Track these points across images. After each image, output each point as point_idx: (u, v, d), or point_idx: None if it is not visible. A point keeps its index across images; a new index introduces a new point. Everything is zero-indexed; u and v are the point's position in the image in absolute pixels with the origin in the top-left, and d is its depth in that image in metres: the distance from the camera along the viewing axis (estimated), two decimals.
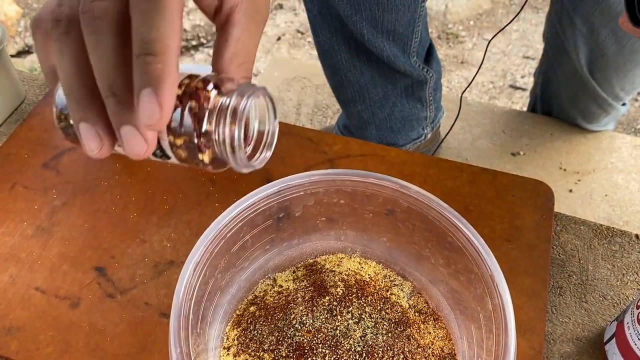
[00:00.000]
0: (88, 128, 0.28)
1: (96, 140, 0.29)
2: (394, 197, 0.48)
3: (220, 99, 0.30)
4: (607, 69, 0.95)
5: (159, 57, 0.26)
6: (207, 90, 0.31)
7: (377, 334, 0.47)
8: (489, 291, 0.42)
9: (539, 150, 1.08)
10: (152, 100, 0.26)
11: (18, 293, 0.53)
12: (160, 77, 0.26)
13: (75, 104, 0.29)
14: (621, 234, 0.56)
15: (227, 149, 0.31)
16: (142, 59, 0.26)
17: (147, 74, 0.26)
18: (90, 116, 0.28)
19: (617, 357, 0.47)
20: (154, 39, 0.26)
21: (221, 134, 0.30)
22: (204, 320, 0.45)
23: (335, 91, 0.99)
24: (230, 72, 0.33)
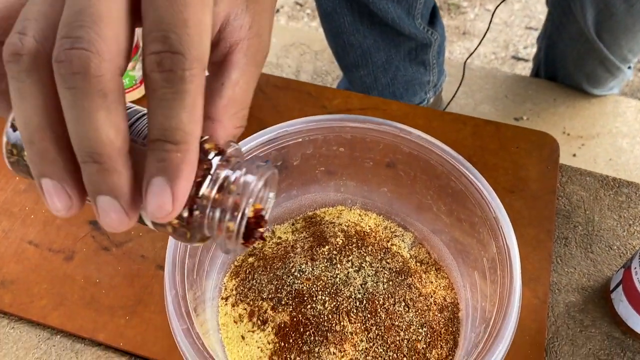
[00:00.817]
0: (53, 185, 0.24)
1: (64, 199, 0.24)
2: (395, 142, 0.46)
3: (223, 173, 0.26)
4: (616, 30, 0.92)
5: (179, 146, 0.23)
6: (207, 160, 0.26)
7: (378, 282, 0.46)
8: (493, 234, 0.41)
9: (542, 115, 1.06)
10: (166, 192, 0.23)
11: (11, 247, 0.52)
12: (179, 168, 0.23)
13: (36, 156, 0.24)
14: (628, 184, 0.55)
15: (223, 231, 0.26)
16: (160, 145, 0.23)
17: (164, 162, 0.23)
18: (56, 172, 0.24)
19: (623, 304, 0.46)
20: (174, 127, 0.23)
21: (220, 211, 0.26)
22: (200, 267, 0.44)
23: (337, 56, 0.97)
24: (224, 120, 0.28)
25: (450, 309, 0.46)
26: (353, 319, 0.43)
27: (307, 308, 0.44)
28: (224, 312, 0.46)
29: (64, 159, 0.24)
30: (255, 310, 0.45)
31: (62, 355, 0.47)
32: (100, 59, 0.23)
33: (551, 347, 0.47)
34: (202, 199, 0.25)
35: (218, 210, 0.25)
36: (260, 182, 0.26)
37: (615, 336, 0.47)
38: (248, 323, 0.45)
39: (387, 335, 0.43)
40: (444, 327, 0.45)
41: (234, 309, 0.46)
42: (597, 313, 0.48)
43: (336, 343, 0.42)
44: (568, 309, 0.48)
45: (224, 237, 0.26)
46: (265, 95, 0.62)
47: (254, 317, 0.45)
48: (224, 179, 0.26)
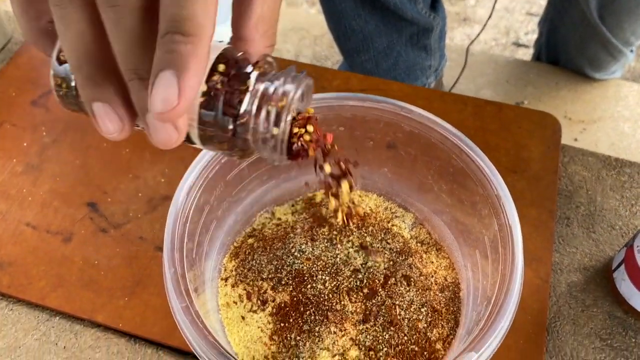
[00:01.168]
0: (104, 108, 0.24)
1: (116, 122, 0.24)
2: (396, 121, 0.46)
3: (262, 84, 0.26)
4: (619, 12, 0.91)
5: (189, 38, 0.22)
6: (245, 73, 0.26)
7: (377, 262, 0.45)
8: (494, 212, 0.40)
9: (544, 99, 1.05)
10: (172, 84, 0.22)
11: (8, 229, 0.51)
12: (187, 60, 0.22)
13: (86, 80, 0.24)
14: (630, 164, 0.54)
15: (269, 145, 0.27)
16: (169, 37, 0.22)
17: (171, 54, 0.22)
18: (106, 95, 0.24)
19: (625, 282, 0.45)
20: (185, 17, 0.22)
21: (263, 126, 0.26)
22: (200, 248, 0.43)
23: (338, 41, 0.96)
24: (256, 39, 0.28)
25: (451, 289, 0.45)
26: (353, 298, 0.43)
27: (307, 288, 0.44)
28: (223, 293, 0.46)
29: (112, 81, 0.24)
30: (255, 290, 0.45)
31: (61, 336, 0.46)
32: None
33: (553, 326, 0.47)
34: (246, 110, 0.26)
35: (261, 119, 0.26)
36: (299, 90, 0.27)
37: (617, 315, 0.47)
38: (248, 303, 0.44)
39: (388, 314, 0.43)
40: (445, 306, 0.44)
41: (234, 289, 0.46)
42: (599, 293, 0.48)
43: (337, 322, 0.42)
44: (570, 289, 0.48)
45: (270, 148, 0.27)
46: None
47: (253, 297, 0.44)
48: (264, 90, 0.26)
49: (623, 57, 0.99)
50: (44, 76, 0.62)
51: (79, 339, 0.46)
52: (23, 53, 0.64)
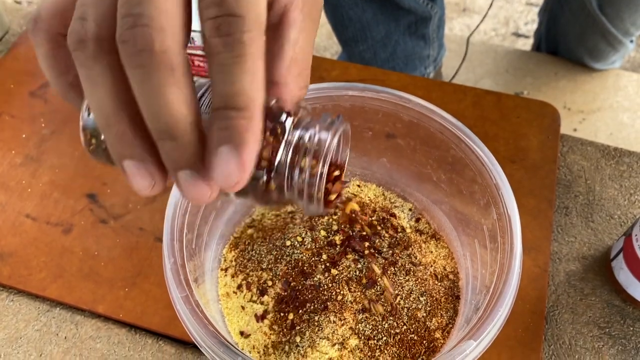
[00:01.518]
0: (136, 166, 0.24)
1: (147, 179, 0.24)
2: (395, 111, 0.46)
3: (297, 134, 0.25)
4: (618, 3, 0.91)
5: (242, 113, 0.22)
6: (279, 122, 0.25)
7: (377, 253, 0.45)
8: (493, 200, 0.40)
9: (543, 89, 1.05)
10: (233, 161, 0.22)
11: (8, 220, 0.51)
12: (243, 135, 0.22)
13: (116, 139, 0.24)
14: (629, 154, 0.55)
15: (306, 190, 0.26)
16: (223, 113, 0.23)
17: (228, 130, 0.22)
18: (136, 153, 0.24)
19: (623, 271, 0.45)
20: (237, 93, 0.22)
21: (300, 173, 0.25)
22: (199, 239, 0.43)
23: (335, 31, 0.95)
24: (289, 82, 0.28)
25: (450, 278, 0.46)
26: (353, 288, 0.43)
27: (307, 278, 0.44)
28: (223, 283, 0.46)
29: (141, 139, 0.24)
30: (254, 280, 0.45)
31: (62, 326, 0.47)
32: (163, 34, 0.22)
33: (551, 315, 0.47)
34: (280, 162, 0.25)
35: (297, 171, 0.25)
36: (335, 138, 0.26)
37: (615, 304, 0.47)
38: (248, 293, 0.45)
39: (387, 304, 0.43)
40: (444, 295, 0.45)
41: (234, 279, 0.46)
42: (598, 281, 0.48)
43: (336, 312, 0.42)
44: (568, 278, 0.48)
45: (306, 199, 0.26)
46: None
47: (253, 287, 0.45)
48: (299, 139, 0.25)
49: (623, 48, 0.99)
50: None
51: (79, 330, 0.46)
52: (21, 44, 0.64)
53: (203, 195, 0.24)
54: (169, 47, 0.22)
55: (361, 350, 0.41)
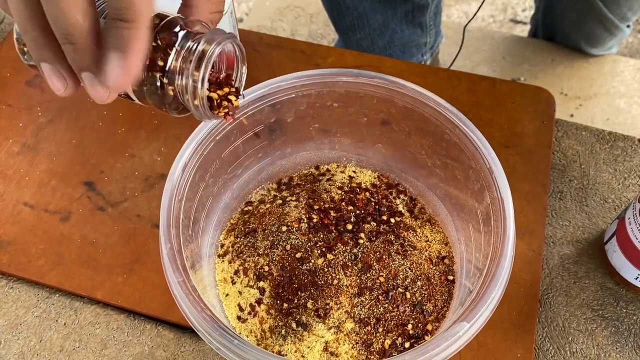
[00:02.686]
0: (50, 67, 0.28)
1: (60, 80, 0.28)
2: (389, 96, 0.46)
3: (186, 44, 0.30)
4: None
5: (130, 24, 0.26)
6: (173, 33, 0.30)
7: (372, 237, 0.46)
8: (487, 184, 0.41)
9: (540, 76, 1.05)
10: (120, 64, 0.26)
11: (7, 208, 0.52)
12: (130, 43, 0.26)
13: (32, 43, 0.28)
14: (623, 138, 0.55)
15: (190, 96, 0.30)
16: (113, 23, 0.26)
17: (116, 39, 0.26)
18: (50, 56, 0.28)
19: (617, 254, 0.46)
20: (126, 6, 0.26)
21: (184, 79, 0.29)
22: (196, 225, 0.44)
23: (332, 19, 0.95)
24: (200, 5, 0.32)
25: (445, 262, 0.46)
26: (348, 272, 0.44)
27: (303, 263, 0.44)
28: (220, 269, 0.46)
29: (53, 43, 0.27)
30: (251, 266, 0.45)
31: (61, 313, 0.47)
32: None
33: (545, 298, 0.47)
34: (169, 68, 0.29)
35: (183, 76, 0.29)
36: (217, 48, 0.30)
37: (609, 286, 0.47)
38: (245, 279, 0.45)
39: (382, 288, 0.43)
40: (439, 279, 0.45)
41: (231, 265, 0.46)
42: (591, 265, 0.48)
43: (332, 296, 0.43)
44: (562, 261, 0.49)
45: (190, 102, 0.30)
46: (259, 53, 0.61)
47: (250, 272, 0.45)
48: (187, 49, 0.29)
49: (620, 33, 0.99)
50: None
51: (78, 316, 0.47)
52: None
53: (102, 95, 0.27)
54: None
55: (357, 334, 0.42)
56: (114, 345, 0.46)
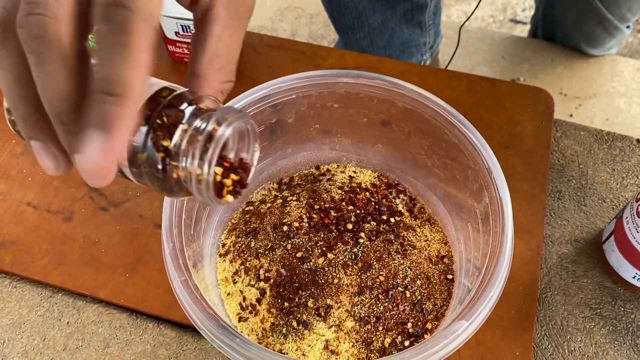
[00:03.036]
0: (40, 146, 0.25)
1: (51, 159, 0.25)
2: (389, 97, 0.46)
3: (194, 122, 0.26)
4: None
5: (117, 99, 0.23)
6: (180, 110, 0.26)
7: (372, 237, 0.46)
8: (485, 185, 0.41)
9: (540, 76, 1.05)
10: (101, 146, 0.23)
11: (10, 209, 0.52)
12: (115, 122, 0.23)
13: (21, 120, 0.25)
14: (622, 138, 0.55)
15: (194, 182, 0.26)
16: (100, 97, 0.23)
17: (100, 115, 0.23)
18: (40, 134, 0.25)
19: (615, 253, 0.46)
20: (114, 79, 0.23)
21: (189, 162, 0.26)
22: (197, 224, 0.44)
23: (332, 18, 0.95)
24: (210, 76, 0.29)
25: (445, 262, 0.47)
26: (349, 271, 0.44)
27: (304, 262, 0.45)
28: (222, 268, 0.47)
29: (44, 121, 0.24)
30: (252, 265, 0.46)
31: (64, 312, 0.48)
32: (58, 24, 0.23)
33: (544, 297, 0.48)
34: (174, 148, 0.26)
35: (188, 159, 0.26)
36: (228, 130, 0.26)
37: (607, 285, 0.48)
38: (246, 278, 0.46)
39: (382, 287, 0.44)
40: (438, 279, 0.45)
41: (232, 264, 0.47)
42: (589, 264, 0.49)
43: (332, 295, 0.43)
44: (561, 260, 0.49)
45: (196, 187, 0.27)
46: (259, 54, 0.62)
47: (251, 272, 0.46)
48: (195, 129, 0.26)
49: (619, 33, 0.99)
50: None
51: (81, 315, 0.47)
52: None
53: (100, 177, 0.24)
54: (64, 36, 0.23)
55: (357, 332, 0.42)
56: (117, 344, 0.46)
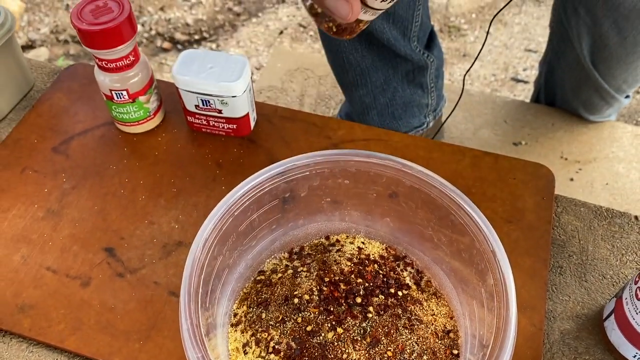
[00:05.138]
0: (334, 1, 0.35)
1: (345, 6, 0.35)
2: (397, 177, 0.49)
3: None
4: (610, 60, 0.95)
5: None
6: None
7: (381, 311, 0.48)
8: (490, 267, 0.43)
9: (541, 140, 1.08)
10: None
11: (30, 273, 0.54)
12: None
13: None
14: (621, 215, 0.57)
15: None
16: None
17: None
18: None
19: (615, 332, 0.48)
20: None
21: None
22: (212, 295, 0.46)
23: (337, 75, 0.99)
24: None
25: (450, 337, 0.48)
26: (357, 346, 0.45)
27: (314, 336, 0.46)
28: (233, 339, 0.48)
29: None
30: (263, 337, 0.47)
31: None
32: None
33: None
34: None
35: None
36: None
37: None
38: (257, 349, 0.47)
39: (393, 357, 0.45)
40: (444, 354, 0.47)
41: (243, 335, 0.48)
42: (591, 340, 0.50)
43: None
44: (563, 336, 0.50)
45: None
46: (273, 125, 0.65)
47: (262, 343, 0.47)
48: None
49: (616, 102, 1.03)
50: (64, 124, 0.65)
51: None
52: (45, 101, 0.68)
53: None
54: None
55: None
56: None
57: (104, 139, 0.64)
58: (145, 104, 0.62)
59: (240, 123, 0.62)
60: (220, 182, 0.60)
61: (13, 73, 0.67)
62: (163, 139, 0.64)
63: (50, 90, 0.69)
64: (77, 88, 0.69)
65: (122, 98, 0.60)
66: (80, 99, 0.68)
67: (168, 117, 0.66)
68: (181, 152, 0.62)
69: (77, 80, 0.70)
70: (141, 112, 0.62)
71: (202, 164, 0.62)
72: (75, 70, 0.71)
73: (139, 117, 0.62)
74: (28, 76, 0.70)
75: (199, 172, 0.61)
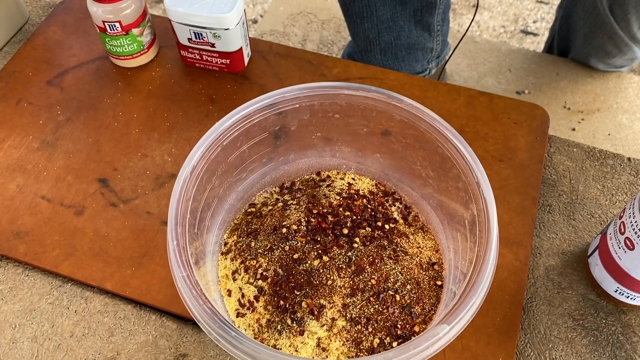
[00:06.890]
0: None
1: None
2: (388, 110, 0.48)
3: None
4: (627, 4, 0.93)
5: None
6: None
7: (367, 242, 0.49)
8: (474, 197, 0.43)
9: (544, 89, 1.07)
10: None
11: (25, 201, 0.55)
12: None
13: None
14: (613, 156, 0.57)
15: None
16: None
17: None
18: None
19: (598, 267, 0.48)
20: None
21: None
22: (201, 224, 0.47)
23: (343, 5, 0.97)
24: None
25: (435, 268, 0.49)
26: (342, 274, 0.46)
27: (300, 263, 0.47)
28: (223, 266, 0.49)
29: None
30: (252, 264, 0.48)
31: (72, 301, 0.50)
32: None
33: (529, 306, 0.50)
34: None
35: None
36: None
37: (590, 298, 0.50)
38: (245, 276, 0.48)
39: (374, 290, 0.46)
40: (428, 284, 0.48)
41: (233, 262, 0.49)
42: (575, 276, 0.51)
43: (326, 295, 0.45)
44: (547, 272, 0.51)
45: None
46: (268, 62, 0.64)
47: (250, 270, 0.48)
48: None
49: (629, 51, 1.01)
50: (59, 57, 0.65)
51: (89, 304, 0.50)
52: (39, 34, 0.67)
53: None
54: None
55: (348, 332, 0.45)
56: (121, 333, 0.49)
57: (99, 73, 0.64)
58: (138, 37, 0.61)
59: (233, 58, 0.61)
60: (213, 118, 0.60)
61: (7, 6, 0.67)
62: (157, 73, 0.63)
63: (45, 24, 0.68)
64: (72, 22, 0.68)
65: (115, 30, 0.59)
66: (75, 33, 0.67)
67: (162, 52, 0.65)
68: (175, 87, 0.62)
69: (72, 14, 0.69)
70: (135, 45, 0.62)
71: (196, 99, 0.62)
72: (71, 4, 0.70)
73: (132, 50, 0.62)
74: (23, 9, 0.70)
75: (192, 107, 0.61)
